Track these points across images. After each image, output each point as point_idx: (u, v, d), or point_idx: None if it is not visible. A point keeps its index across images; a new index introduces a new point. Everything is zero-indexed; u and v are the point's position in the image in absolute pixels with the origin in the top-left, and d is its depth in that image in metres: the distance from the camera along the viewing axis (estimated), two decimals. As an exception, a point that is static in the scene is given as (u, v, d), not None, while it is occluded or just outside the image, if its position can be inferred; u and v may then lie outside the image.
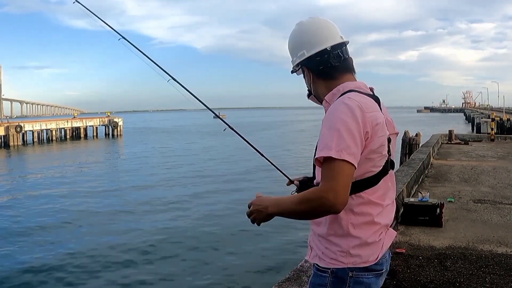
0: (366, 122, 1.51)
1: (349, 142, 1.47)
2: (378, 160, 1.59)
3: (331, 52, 1.67)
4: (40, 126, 49.12)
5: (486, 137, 21.57)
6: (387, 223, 1.66)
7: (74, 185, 19.09)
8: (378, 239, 1.61)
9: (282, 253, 9.68)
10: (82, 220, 13.00)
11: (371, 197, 1.59)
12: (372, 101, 1.60)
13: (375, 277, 1.63)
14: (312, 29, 1.71)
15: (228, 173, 21.81)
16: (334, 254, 1.60)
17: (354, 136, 1.48)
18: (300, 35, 1.74)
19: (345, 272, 1.58)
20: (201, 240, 10.91)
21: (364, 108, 1.52)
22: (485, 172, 10.83)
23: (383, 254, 1.64)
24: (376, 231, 1.61)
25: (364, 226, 1.58)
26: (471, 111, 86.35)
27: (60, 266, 9.25)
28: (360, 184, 1.57)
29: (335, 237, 1.60)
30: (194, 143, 42.99)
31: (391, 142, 1.68)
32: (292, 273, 3.53)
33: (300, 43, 1.72)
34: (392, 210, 1.71)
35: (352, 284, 1.58)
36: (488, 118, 39.75)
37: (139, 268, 9.02)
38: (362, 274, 1.59)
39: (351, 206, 1.56)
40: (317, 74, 1.71)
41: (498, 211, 6.77)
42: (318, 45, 1.68)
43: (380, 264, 1.63)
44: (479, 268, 4.30)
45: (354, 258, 1.58)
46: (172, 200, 15.67)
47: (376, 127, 1.54)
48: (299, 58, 1.73)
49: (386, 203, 1.65)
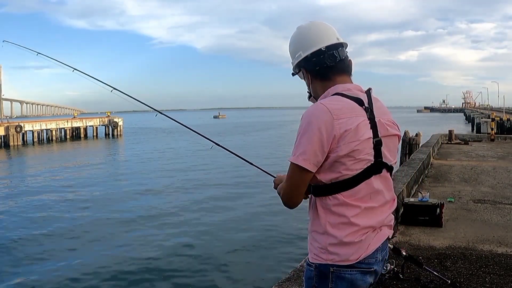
0: (334, 128, 1.57)
1: (306, 148, 1.58)
2: (351, 164, 1.61)
3: (326, 52, 1.72)
4: (40, 126, 49.13)
5: (486, 137, 21.56)
6: (372, 224, 1.67)
7: (73, 188, 19.03)
8: (358, 240, 1.63)
9: (282, 254, 9.68)
10: (79, 226, 12.87)
11: (347, 199, 1.63)
12: (353, 107, 1.63)
13: (360, 273, 1.65)
14: (309, 31, 1.79)
15: (228, 173, 21.82)
16: (315, 250, 1.69)
17: (313, 142, 1.57)
18: (298, 37, 1.82)
19: (327, 268, 1.65)
20: (201, 240, 10.90)
21: (334, 115, 1.58)
22: (485, 172, 10.83)
23: (370, 255, 1.65)
24: (355, 232, 1.63)
25: (340, 226, 1.63)
26: (471, 111, 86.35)
27: (60, 267, 9.26)
28: (336, 186, 1.63)
29: (316, 233, 1.70)
30: (195, 143, 42.96)
31: (383, 145, 1.67)
32: (292, 273, 3.53)
33: (298, 45, 1.80)
34: (382, 212, 1.71)
35: (335, 279, 1.64)
36: (488, 118, 39.77)
37: (134, 272, 9.01)
38: (345, 270, 1.64)
39: (328, 206, 1.65)
40: (314, 75, 1.77)
41: (498, 211, 6.77)
42: (314, 46, 1.74)
43: (366, 263, 1.65)
44: (479, 268, 4.30)
45: (332, 256, 1.64)
46: (173, 201, 15.67)
47: (345, 133, 1.58)
48: (296, 59, 1.80)
49: (367, 205, 1.65)
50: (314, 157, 1.59)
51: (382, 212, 1.72)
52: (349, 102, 1.64)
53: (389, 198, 1.75)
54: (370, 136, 1.64)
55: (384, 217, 1.73)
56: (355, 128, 1.59)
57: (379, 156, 1.67)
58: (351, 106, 1.63)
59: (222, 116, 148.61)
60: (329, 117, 1.57)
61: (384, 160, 1.69)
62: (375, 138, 1.65)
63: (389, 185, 1.75)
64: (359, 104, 1.65)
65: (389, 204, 1.76)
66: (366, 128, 1.63)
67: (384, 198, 1.72)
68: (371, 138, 1.64)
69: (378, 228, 1.70)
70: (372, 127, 1.65)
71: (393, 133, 1.75)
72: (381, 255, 1.72)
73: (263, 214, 13.02)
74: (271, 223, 12.10)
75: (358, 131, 1.60)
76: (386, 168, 1.72)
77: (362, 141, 1.61)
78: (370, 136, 1.64)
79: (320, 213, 1.67)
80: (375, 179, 1.67)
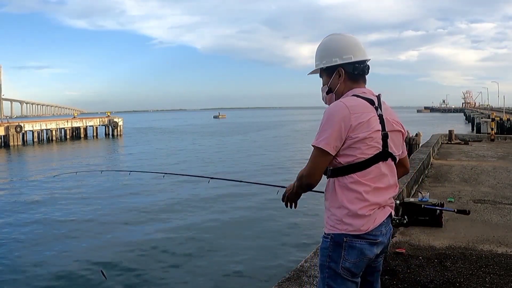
0: (350, 119, 1.94)
1: (328, 135, 1.95)
2: (365, 149, 1.97)
3: (366, 63, 2.15)
4: (40, 126, 49.14)
5: (486, 137, 21.57)
6: (379, 201, 2.02)
7: (73, 188, 19.04)
8: (368, 214, 1.98)
9: (282, 254, 9.68)
10: (79, 225, 12.95)
11: (360, 178, 1.98)
12: (365, 105, 2.01)
13: (367, 244, 1.99)
14: (359, 42, 2.17)
15: (228, 174, 21.82)
16: (332, 221, 2.03)
17: (334, 130, 1.94)
18: (351, 42, 2.15)
19: (341, 238, 1.98)
20: (200, 240, 10.90)
21: (351, 110, 1.95)
22: (485, 172, 10.83)
23: (376, 227, 2.00)
24: (366, 206, 1.98)
25: (355, 201, 1.98)
26: (471, 111, 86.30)
27: (60, 267, 9.26)
28: (352, 167, 1.99)
29: (334, 208, 2.03)
30: (194, 144, 43.00)
31: (389, 138, 2.04)
32: (292, 273, 3.53)
33: (350, 49, 2.12)
34: (388, 193, 2.07)
35: (347, 248, 1.98)
36: (488, 118, 39.75)
37: (134, 269, 9.02)
38: (356, 240, 1.97)
39: (345, 184, 2.00)
40: (350, 77, 2.12)
41: (498, 211, 6.77)
42: (363, 55, 2.14)
43: (373, 235, 2.00)
44: (479, 268, 4.30)
45: (346, 226, 1.98)
46: (172, 202, 15.66)
47: (359, 125, 1.95)
48: (344, 60, 2.11)
49: (376, 185, 2.01)
50: (334, 142, 1.94)
51: (387, 193, 2.07)
52: (363, 102, 2.02)
53: (393, 182, 2.10)
54: (379, 129, 2.01)
55: (388, 198, 2.08)
56: (367, 121, 1.97)
57: (386, 146, 2.03)
58: (365, 105, 2.01)
59: (222, 116, 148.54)
60: (347, 112, 1.95)
61: (390, 150, 2.05)
62: (383, 132, 2.02)
63: (392, 171, 2.10)
64: (371, 103, 2.03)
65: (393, 188, 2.10)
66: (376, 122, 2.00)
67: (388, 181, 2.07)
68: (380, 131, 2.01)
69: (382, 206, 2.04)
70: (381, 122, 2.02)
71: (398, 129, 2.11)
72: (385, 229, 2.06)
73: (263, 214, 13.02)
74: (271, 223, 12.10)
75: (370, 124, 1.97)
76: (391, 157, 2.07)
77: (373, 132, 1.97)
78: (379, 129, 2.01)
79: (337, 190, 2.01)
80: (383, 165, 2.03)
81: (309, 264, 3.71)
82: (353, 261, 1.97)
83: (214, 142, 43.76)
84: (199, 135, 54.04)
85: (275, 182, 2.33)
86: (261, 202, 14.09)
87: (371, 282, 2.15)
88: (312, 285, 3.30)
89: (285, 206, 2.23)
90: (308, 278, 3.43)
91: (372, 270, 2.12)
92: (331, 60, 2.13)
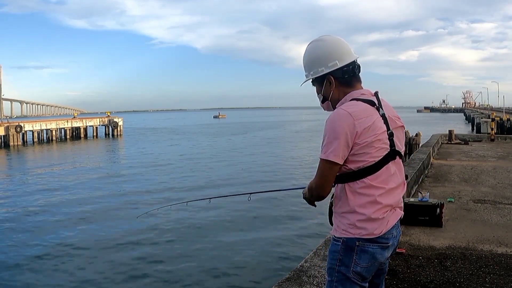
0: (355, 127, 1.89)
1: (335, 146, 1.89)
2: (374, 152, 1.93)
3: (355, 63, 2.06)
4: (40, 126, 49.12)
5: (486, 137, 21.57)
6: (391, 203, 1.99)
7: (73, 188, 19.05)
8: (382, 217, 1.95)
9: (282, 254, 9.68)
10: (79, 226, 12.95)
11: (372, 182, 1.94)
12: (367, 108, 1.96)
13: (380, 248, 1.96)
14: (342, 44, 2.07)
15: (228, 173, 21.82)
16: (344, 226, 1.98)
17: (340, 140, 1.89)
18: (333, 47, 2.05)
19: (353, 242, 1.95)
20: (200, 240, 10.90)
21: (354, 117, 1.90)
22: (485, 172, 10.83)
23: (388, 230, 1.97)
24: (379, 209, 1.94)
25: (367, 205, 1.94)
26: (471, 111, 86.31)
27: (60, 267, 9.26)
28: (363, 172, 1.94)
29: (345, 213, 1.99)
30: (194, 144, 42.99)
31: (394, 136, 2.01)
32: (292, 273, 3.53)
33: (334, 55, 2.04)
34: (398, 193, 2.04)
35: (359, 252, 1.95)
36: (488, 118, 39.78)
37: (137, 270, 9.03)
38: (368, 245, 1.94)
39: (356, 189, 1.95)
40: (341, 82, 2.05)
41: (498, 211, 6.77)
42: (349, 57, 2.05)
43: (385, 238, 1.97)
44: (479, 268, 4.30)
45: (359, 230, 1.94)
46: (172, 202, 15.65)
47: (365, 130, 1.91)
48: (330, 68, 2.03)
49: (389, 187, 1.98)
50: (342, 152, 1.90)
51: (397, 193, 2.04)
52: (364, 105, 1.96)
53: (401, 180, 2.07)
54: (385, 130, 1.98)
55: (399, 198, 2.05)
56: (372, 124, 1.93)
57: (393, 145, 2.01)
58: (366, 108, 1.96)
59: (222, 116, 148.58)
60: (350, 119, 1.89)
61: (397, 148, 2.03)
62: (388, 131, 1.99)
63: (400, 169, 2.07)
64: (372, 105, 1.98)
65: (402, 186, 2.07)
66: (381, 123, 1.97)
67: (398, 180, 2.04)
68: (386, 131, 1.98)
69: (393, 208, 2.02)
70: (385, 122, 1.99)
71: (400, 125, 2.10)
72: (396, 232, 2.04)
73: (263, 215, 13.00)
74: (271, 223, 12.10)
75: (375, 126, 1.94)
76: (398, 155, 2.05)
77: (379, 134, 1.95)
78: (385, 129, 1.98)
79: (349, 196, 1.97)
80: (392, 164, 2.00)
81: (309, 264, 3.71)
82: (365, 265, 1.95)
83: (219, 141, 43.61)
84: (202, 135, 54.15)
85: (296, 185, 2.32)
86: (261, 202, 14.08)
87: (377, 284, 2.14)
88: (312, 285, 3.30)
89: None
90: (308, 278, 3.43)
91: (380, 273, 2.11)
92: (318, 70, 2.06)
